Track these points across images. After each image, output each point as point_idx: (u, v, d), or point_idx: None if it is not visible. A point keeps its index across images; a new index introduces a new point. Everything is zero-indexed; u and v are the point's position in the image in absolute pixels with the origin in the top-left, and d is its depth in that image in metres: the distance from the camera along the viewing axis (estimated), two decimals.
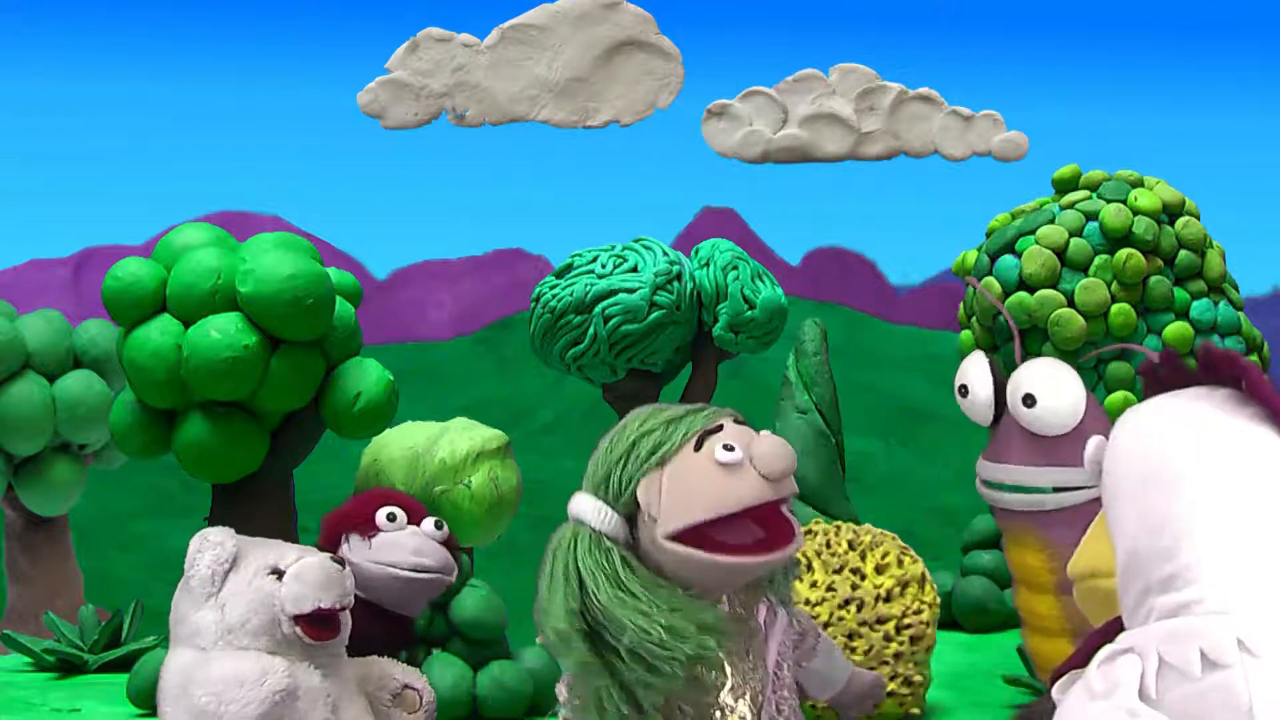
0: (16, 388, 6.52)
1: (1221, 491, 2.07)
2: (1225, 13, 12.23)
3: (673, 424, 2.84)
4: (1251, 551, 2.05)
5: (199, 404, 4.84)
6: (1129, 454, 2.17)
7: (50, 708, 4.72)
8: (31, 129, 11.62)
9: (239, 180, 11.53)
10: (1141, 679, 2.00)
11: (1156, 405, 2.21)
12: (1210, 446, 2.10)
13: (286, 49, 12.21)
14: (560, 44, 7.22)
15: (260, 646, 3.33)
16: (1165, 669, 2.00)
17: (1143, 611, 2.09)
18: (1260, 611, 2.01)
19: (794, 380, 5.00)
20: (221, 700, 3.24)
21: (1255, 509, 2.07)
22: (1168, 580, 2.06)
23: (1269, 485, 2.08)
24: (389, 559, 3.78)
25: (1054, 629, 3.28)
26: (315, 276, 4.80)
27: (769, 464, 2.78)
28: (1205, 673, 1.97)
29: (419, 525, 3.87)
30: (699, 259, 5.25)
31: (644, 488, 2.81)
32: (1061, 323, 5.34)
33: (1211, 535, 2.05)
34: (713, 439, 2.81)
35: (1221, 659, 1.97)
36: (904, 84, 7.41)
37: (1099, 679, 2.05)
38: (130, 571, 10.39)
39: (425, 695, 3.61)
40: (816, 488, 4.88)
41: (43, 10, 12.07)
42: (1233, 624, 1.99)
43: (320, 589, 3.37)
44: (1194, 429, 2.12)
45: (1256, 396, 2.12)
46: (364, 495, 4.00)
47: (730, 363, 5.41)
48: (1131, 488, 2.15)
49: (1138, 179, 5.68)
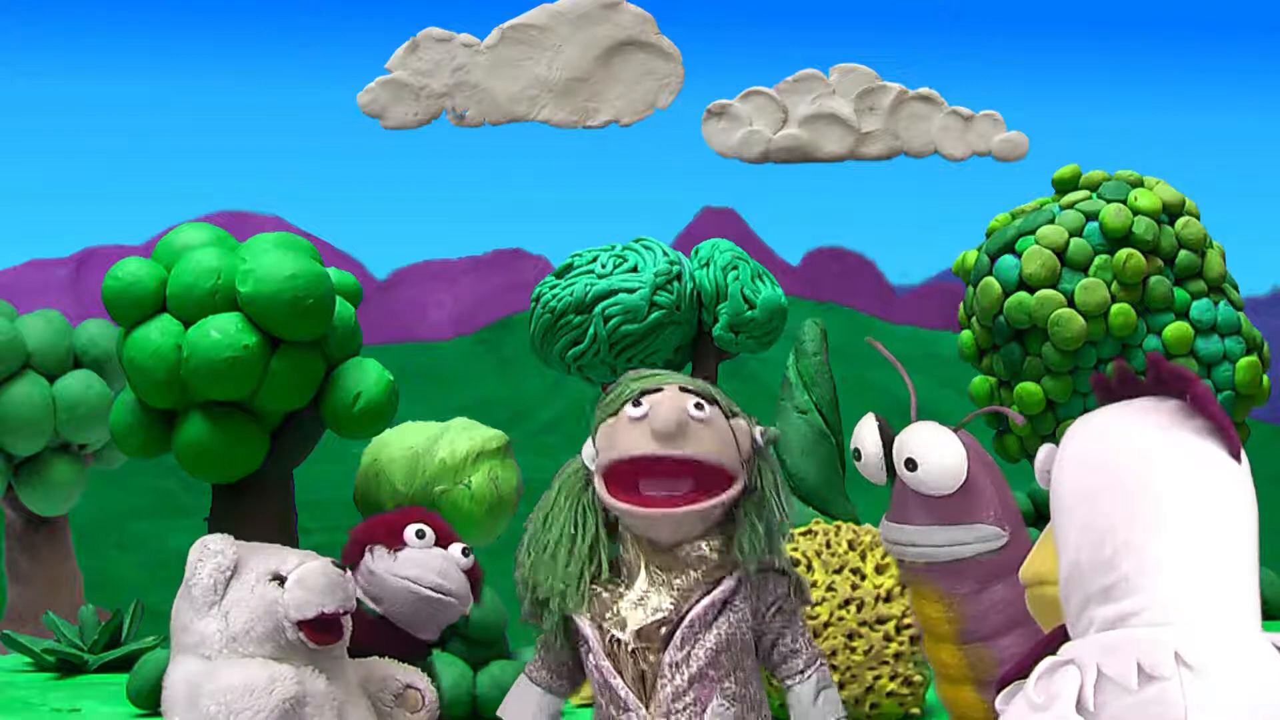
0: (16, 388, 6.52)
1: (1164, 505, 2.09)
2: (1225, 13, 12.23)
3: (635, 381, 3.24)
4: (1191, 565, 2.06)
5: (199, 404, 4.84)
6: (1076, 465, 2.19)
7: (50, 708, 4.72)
8: (31, 129, 11.61)
9: (239, 180, 11.50)
10: (1080, 691, 2.02)
11: (1104, 417, 2.22)
12: (1155, 461, 2.11)
13: (286, 49, 12.19)
14: (560, 44, 7.22)
15: (265, 653, 3.33)
16: (1104, 681, 2.02)
17: (1084, 621, 2.11)
18: (1198, 625, 2.03)
19: (794, 380, 5.00)
20: (231, 710, 3.24)
21: (1197, 523, 2.08)
22: (1108, 590, 2.08)
23: (1211, 500, 2.10)
24: (410, 574, 3.75)
25: (958, 676, 3.35)
26: (315, 276, 4.80)
27: (653, 422, 3.12)
28: (1142, 685, 1.99)
29: (446, 549, 3.86)
30: (699, 259, 5.25)
31: (599, 434, 3.24)
32: (1061, 323, 5.35)
33: (1152, 548, 2.07)
34: (644, 397, 3.17)
35: (1158, 671, 1.98)
36: (904, 84, 7.41)
37: (1039, 691, 2.07)
38: (130, 571, 10.38)
39: (427, 695, 3.61)
40: (816, 488, 4.88)
41: (43, 10, 12.06)
42: (1171, 637, 2.01)
43: (323, 594, 3.37)
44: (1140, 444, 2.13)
45: (1202, 411, 2.13)
46: (399, 511, 4.02)
47: (730, 363, 5.40)
48: (1076, 498, 2.16)
49: (1138, 179, 5.68)
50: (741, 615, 3.18)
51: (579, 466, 3.28)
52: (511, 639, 4.73)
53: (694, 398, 3.17)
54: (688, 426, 3.11)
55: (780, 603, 3.25)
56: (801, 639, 3.27)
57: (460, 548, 3.85)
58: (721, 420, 3.20)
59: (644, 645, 3.13)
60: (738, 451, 3.19)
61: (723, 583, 3.15)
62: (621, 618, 3.15)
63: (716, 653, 3.13)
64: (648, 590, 3.15)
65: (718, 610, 3.14)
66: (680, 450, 3.11)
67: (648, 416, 3.13)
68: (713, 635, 3.13)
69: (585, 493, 3.24)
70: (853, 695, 4.13)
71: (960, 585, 3.25)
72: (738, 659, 3.17)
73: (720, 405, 3.22)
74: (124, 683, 4.70)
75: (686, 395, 3.17)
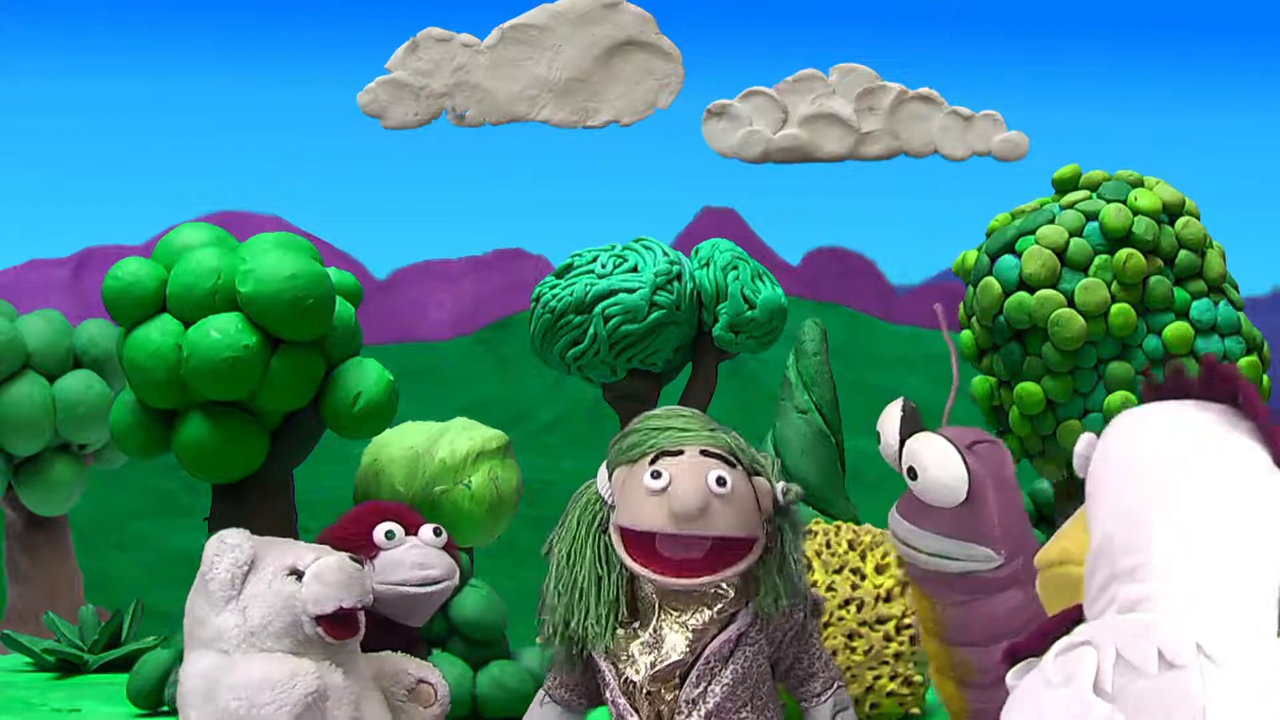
0: (16, 388, 6.52)
1: (1201, 501, 2.09)
2: (1225, 13, 12.23)
3: (656, 434, 3.17)
4: (1218, 562, 2.07)
5: (199, 404, 4.83)
6: (1118, 453, 2.20)
7: (50, 708, 4.72)
8: (31, 129, 11.61)
9: (239, 180, 11.51)
10: (1097, 672, 2.03)
11: (1151, 412, 2.23)
12: (1198, 459, 2.12)
13: (286, 49, 12.19)
14: (560, 44, 7.22)
15: (284, 648, 3.33)
16: (1121, 664, 2.02)
17: (1105, 599, 2.12)
18: (1221, 618, 2.03)
19: (794, 380, 5.00)
20: (254, 704, 3.23)
21: (1230, 523, 2.09)
22: (1134, 571, 2.09)
23: (1246, 503, 2.10)
24: (396, 578, 3.76)
25: (941, 668, 3.41)
26: (315, 276, 4.80)
27: (673, 502, 3.05)
28: (1161, 671, 1.99)
29: (417, 535, 3.84)
30: (699, 259, 5.25)
31: (616, 477, 3.18)
32: (1061, 323, 5.34)
33: (1183, 537, 2.08)
34: (663, 461, 3.10)
35: (1179, 660, 1.99)
36: (904, 84, 7.41)
37: (1055, 669, 2.08)
38: (130, 571, 10.38)
39: (439, 689, 3.60)
40: (816, 488, 4.88)
41: (43, 10, 12.06)
42: (1193, 627, 2.01)
43: (341, 589, 3.37)
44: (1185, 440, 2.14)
45: (1251, 416, 2.14)
46: (356, 513, 3.93)
47: (730, 363, 5.40)
48: (1114, 484, 2.18)
49: (1138, 179, 5.67)
50: (758, 648, 3.17)
51: (595, 496, 3.23)
52: (511, 639, 4.73)
53: (717, 466, 3.10)
54: (709, 507, 3.07)
55: (796, 629, 3.24)
56: (819, 661, 3.27)
57: (430, 529, 3.85)
58: (744, 486, 3.15)
59: (659, 686, 3.13)
60: (758, 513, 3.15)
61: (737, 618, 3.14)
62: (636, 660, 3.14)
63: (734, 686, 3.12)
64: (662, 630, 3.13)
65: (733, 646, 3.13)
66: (700, 530, 3.07)
67: (667, 492, 3.07)
68: (729, 671, 3.11)
69: (607, 531, 3.19)
70: (853, 695, 4.12)
71: (946, 595, 3.25)
72: (754, 688, 3.17)
73: (743, 464, 3.17)
74: (124, 683, 4.70)
75: (709, 463, 3.10)
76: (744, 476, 3.14)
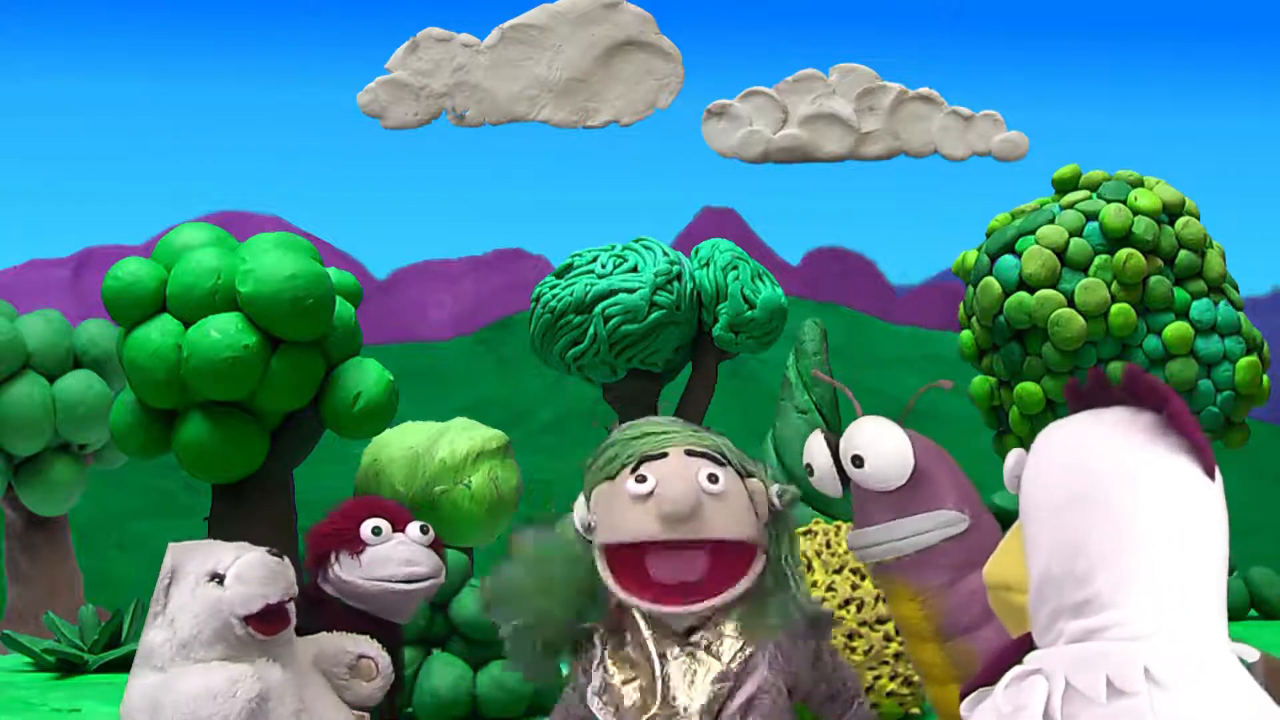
0: (16, 388, 6.52)
1: (1139, 523, 2.08)
2: (1225, 13, 12.23)
3: (635, 442, 2.91)
4: (1163, 583, 2.06)
5: (199, 404, 4.83)
6: (1050, 473, 2.18)
7: (50, 708, 4.71)
8: (31, 129, 11.61)
9: (239, 180, 11.50)
10: (1047, 702, 2.02)
11: (1078, 426, 2.20)
12: (1130, 478, 2.10)
13: (286, 49, 12.19)
14: (560, 44, 7.23)
15: (217, 655, 3.30)
16: (1071, 693, 2.02)
17: (1053, 633, 2.11)
18: (1169, 642, 2.03)
19: (794, 380, 5.00)
20: (197, 717, 3.21)
21: (1170, 542, 2.08)
22: (1079, 606, 2.08)
23: (1184, 518, 2.09)
24: (382, 574, 3.76)
25: (943, 676, 3.34)
26: (315, 276, 4.80)
27: (661, 503, 2.80)
28: (1111, 699, 1.99)
29: (404, 532, 3.84)
30: (699, 259, 5.25)
31: (594, 497, 2.92)
32: (1061, 323, 5.34)
33: (1125, 564, 2.07)
34: (646, 466, 2.85)
35: (1128, 686, 1.99)
36: (904, 84, 7.42)
37: (1006, 699, 2.08)
38: (130, 571, 10.36)
39: (380, 661, 3.58)
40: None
41: (43, 10, 12.06)
42: (1141, 653, 2.01)
43: (265, 585, 3.33)
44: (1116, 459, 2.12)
45: (1178, 429, 2.12)
46: (344, 509, 3.93)
47: (730, 363, 5.41)
48: (1049, 509, 2.15)
49: (1138, 179, 5.68)
50: (775, 693, 2.95)
51: (574, 538, 2.94)
52: None
53: (705, 464, 2.86)
54: (701, 507, 2.82)
55: (811, 658, 3.05)
56: (838, 681, 3.15)
57: (417, 526, 3.85)
58: (737, 485, 2.92)
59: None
60: (755, 517, 2.92)
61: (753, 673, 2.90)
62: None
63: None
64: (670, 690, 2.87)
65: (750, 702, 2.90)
66: (694, 534, 2.81)
67: (654, 495, 2.81)
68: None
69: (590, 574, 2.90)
70: None
71: (932, 577, 3.25)
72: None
73: (733, 464, 2.94)
74: (124, 683, 4.69)
75: (696, 461, 2.86)
76: (736, 477, 2.93)
